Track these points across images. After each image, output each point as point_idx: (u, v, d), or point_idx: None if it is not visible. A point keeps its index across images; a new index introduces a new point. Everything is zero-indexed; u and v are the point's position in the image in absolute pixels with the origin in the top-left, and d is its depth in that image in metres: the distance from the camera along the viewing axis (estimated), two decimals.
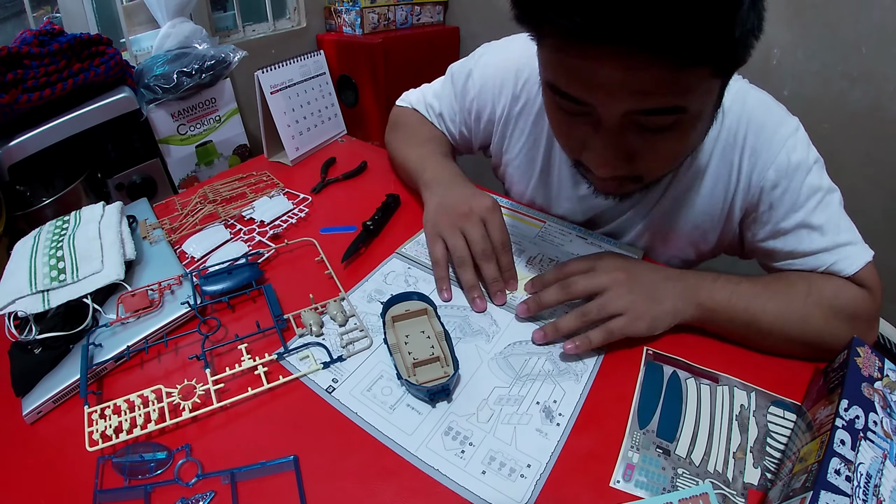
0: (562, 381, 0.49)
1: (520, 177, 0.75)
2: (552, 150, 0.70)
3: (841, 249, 0.55)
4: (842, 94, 1.31)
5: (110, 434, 0.42)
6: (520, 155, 0.73)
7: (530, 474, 0.41)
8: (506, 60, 0.70)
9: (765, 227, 0.59)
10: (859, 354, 0.45)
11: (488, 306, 0.57)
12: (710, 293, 0.52)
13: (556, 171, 0.70)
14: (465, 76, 0.75)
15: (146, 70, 1.36)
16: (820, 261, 0.56)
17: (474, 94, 0.73)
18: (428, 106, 0.83)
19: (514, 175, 0.75)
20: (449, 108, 0.79)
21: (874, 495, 0.35)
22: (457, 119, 0.79)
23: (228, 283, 0.57)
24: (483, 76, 0.72)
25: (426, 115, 0.83)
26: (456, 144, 0.83)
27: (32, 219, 1.08)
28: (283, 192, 0.78)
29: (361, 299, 0.58)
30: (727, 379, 0.50)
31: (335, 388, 0.48)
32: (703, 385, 0.49)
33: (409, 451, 0.42)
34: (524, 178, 0.74)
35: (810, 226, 0.56)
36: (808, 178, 0.55)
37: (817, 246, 0.56)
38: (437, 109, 0.81)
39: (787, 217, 0.56)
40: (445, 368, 0.48)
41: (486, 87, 0.71)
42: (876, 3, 1.19)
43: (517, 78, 0.68)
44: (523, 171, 0.74)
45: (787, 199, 0.56)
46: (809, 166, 0.55)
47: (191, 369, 0.49)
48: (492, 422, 0.45)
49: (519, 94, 0.69)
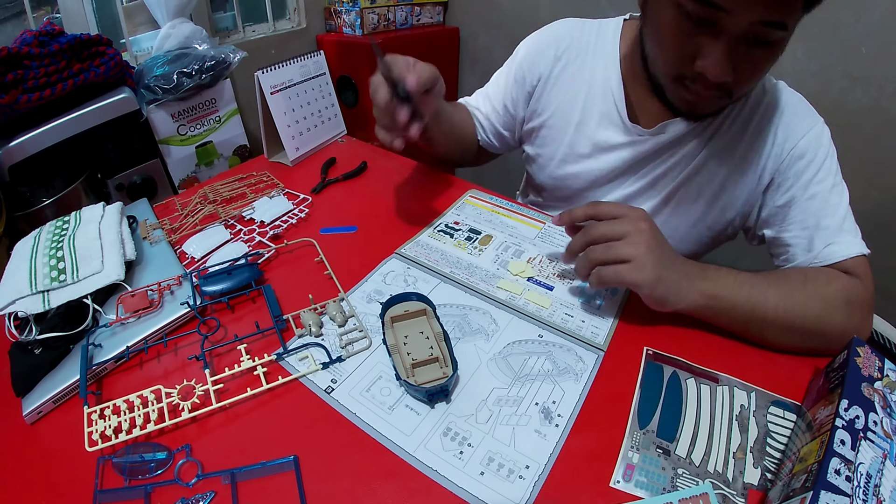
0: (561, 381, 0.49)
1: (555, 133, 0.77)
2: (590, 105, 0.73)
3: (840, 234, 0.59)
4: (842, 94, 1.31)
5: (110, 434, 0.42)
6: (556, 112, 0.76)
7: (529, 475, 0.41)
8: (552, 32, 0.77)
9: (787, 193, 0.63)
10: (859, 354, 0.45)
11: (488, 306, 0.57)
12: (715, 280, 0.53)
13: (593, 123, 0.73)
14: (514, 53, 0.81)
15: (146, 70, 1.36)
16: (818, 238, 0.59)
17: (521, 58, 0.79)
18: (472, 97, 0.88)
19: (549, 133, 0.78)
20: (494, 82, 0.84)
21: (874, 495, 0.35)
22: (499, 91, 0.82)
23: (228, 283, 0.57)
24: (529, 44, 0.79)
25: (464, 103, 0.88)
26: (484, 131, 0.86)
27: (32, 219, 1.07)
28: (283, 192, 0.78)
29: (361, 299, 0.58)
30: (727, 379, 0.50)
31: (334, 388, 0.48)
32: (703, 385, 0.49)
33: (408, 452, 0.42)
34: (559, 134, 0.77)
35: (826, 201, 0.61)
36: (828, 161, 0.62)
37: (821, 223, 0.60)
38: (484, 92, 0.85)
39: (808, 186, 0.62)
40: (444, 369, 0.48)
41: (532, 51, 0.78)
42: (876, 3, 1.18)
43: (559, 43, 0.75)
44: (559, 128, 0.77)
45: (811, 169, 0.62)
46: (832, 153, 0.62)
47: (190, 370, 0.49)
48: (490, 423, 0.45)
49: (561, 55, 0.75)
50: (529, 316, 0.56)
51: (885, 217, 1.31)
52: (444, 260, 0.64)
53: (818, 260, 0.59)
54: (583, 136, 0.74)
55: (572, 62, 0.74)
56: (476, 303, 0.58)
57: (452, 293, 0.59)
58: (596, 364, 0.51)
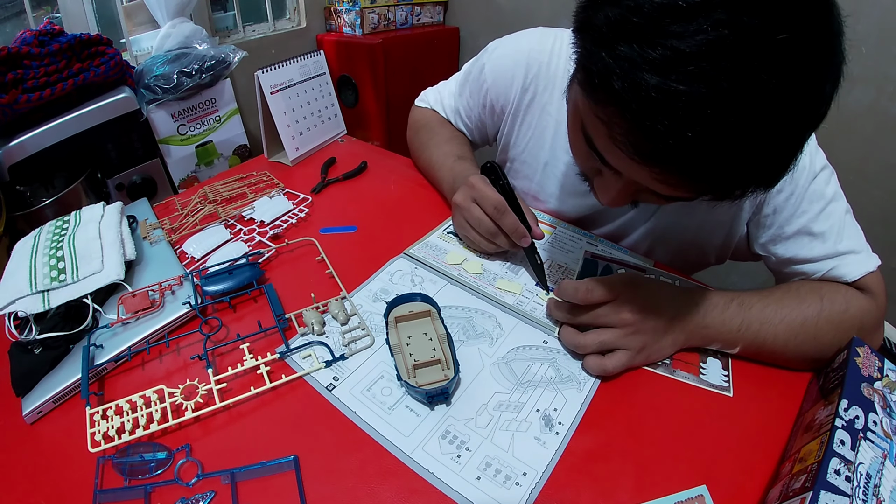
0: (564, 388, 0.48)
1: (526, 170, 0.76)
2: (556, 146, 0.71)
3: (842, 258, 0.56)
4: (842, 94, 1.31)
5: (112, 435, 0.42)
6: (526, 148, 0.74)
7: (526, 482, 0.41)
8: (517, 52, 0.71)
9: (768, 231, 0.59)
10: (859, 355, 0.45)
11: (494, 310, 0.57)
12: (721, 320, 0.51)
13: (561, 164, 0.71)
14: (479, 70, 0.76)
15: (146, 70, 1.36)
16: (819, 267, 0.56)
17: (488, 85, 0.74)
18: (445, 105, 0.85)
19: (521, 168, 0.77)
20: (465, 104, 0.81)
21: (874, 495, 0.35)
22: (473, 114, 0.80)
23: (229, 283, 0.57)
24: (495, 68, 0.73)
25: (443, 115, 0.85)
26: (473, 139, 0.85)
27: (32, 219, 1.08)
28: (283, 192, 0.78)
29: (367, 298, 0.58)
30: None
31: (336, 385, 0.48)
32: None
33: (405, 453, 0.42)
34: (530, 172, 0.75)
35: (811, 233, 0.56)
36: (812, 185, 0.55)
37: (817, 253, 0.56)
38: (454, 107, 0.83)
39: (789, 221, 0.57)
40: (445, 371, 0.48)
41: (499, 79, 0.73)
42: (876, 3, 1.19)
43: (527, 71, 0.70)
44: (529, 165, 0.75)
45: (790, 204, 0.56)
46: (815, 172, 0.55)
47: (193, 369, 0.49)
48: (490, 427, 0.45)
49: (528, 86, 0.70)
50: (536, 322, 0.55)
51: (885, 217, 1.31)
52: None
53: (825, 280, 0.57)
54: (551, 177, 0.73)
55: (539, 93, 0.70)
56: (482, 306, 0.57)
57: (459, 295, 0.58)
58: None
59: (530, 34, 0.72)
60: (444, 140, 0.80)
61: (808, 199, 0.55)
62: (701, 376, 0.51)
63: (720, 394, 0.49)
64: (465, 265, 0.63)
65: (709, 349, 0.53)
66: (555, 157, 0.71)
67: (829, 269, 0.56)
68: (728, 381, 0.50)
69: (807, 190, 0.55)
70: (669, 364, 0.52)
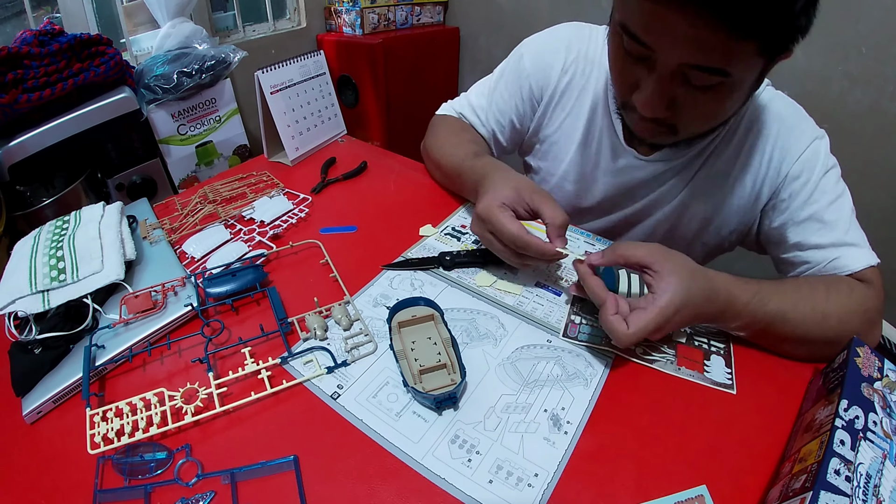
0: (570, 386, 0.48)
1: (556, 150, 0.77)
2: (593, 124, 0.72)
3: (846, 248, 0.58)
4: (842, 94, 1.31)
5: (112, 437, 0.42)
6: (560, 127, 0.75)
7: (538, 483, 0.41)
8: (555, 41, 0.74)
9: (781, 215, 0.63)
10: (859, 355, 0.45)
11: (495, 311, 0.57)
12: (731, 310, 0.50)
13: (594, 143, 0.72)
14: (516, 61, 0.77)
15: (146, 70, 1.36)
16: (824, 255, 0.58)
17: (528, 72, 0.75)
18: (473, 103, 0.82)
19: (550, 149, 0.77)
20: (499, 97, 0.79)
21: (874, 495, 0.35)
22: (506, 107, 0.78)
23: (232, 285, 0.57)
24: (538, 52, 0.75)
25: (465, 116, 0.83)
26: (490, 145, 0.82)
27: (32, 219, 1.07)
28: (283, 192, 0.78)
29: (367, 303, 0.57)
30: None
31: (340, 394, 0.47)
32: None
33: (415, 460, 0.42)
34: (561, 152, 0.76)
35: (821, 220, 0.59)
36: (825, 177, 0.60)
37: (824, 240, 0.59)
38: (484, 106, 0.80)
39: (802, 207, 0.61)
40: (452, 376, 0.47)
41: (541, 61, 0.75)
42: (876, 3, 1.19)
43: (567, 52, 0.73)
44: (561, 146, 0.76)
45: (805, 190, 0.60)
46: (828, 167, 0.61)
47: (193, 372, 0.49)
48: (499, 430, 0.44)
49: (567, 67, 0.73)
50: (537, 322, 0.55)
51: (885, 217, 1.31)
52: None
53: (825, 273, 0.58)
54: (584, 156, 0.74)
55: (578, 76, 0.72)
56: (484, 307, 0.57)
57: (459, 297, 0.58)
58: (606, 369, 0.50)
59: (566, 26, 0.75)
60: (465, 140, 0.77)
61: (821, 189, 0.60)
62: (705, 373, 0.51)
63: (723, 391, 0.49)
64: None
65: (710, 350, 0.53)
66: (589, 137, 0.72)
67: (833, 259, 0.58)
68: (731, 379, 0.50)
69: (821, 180, 0.60)
70: (674, 362, 0.52)
